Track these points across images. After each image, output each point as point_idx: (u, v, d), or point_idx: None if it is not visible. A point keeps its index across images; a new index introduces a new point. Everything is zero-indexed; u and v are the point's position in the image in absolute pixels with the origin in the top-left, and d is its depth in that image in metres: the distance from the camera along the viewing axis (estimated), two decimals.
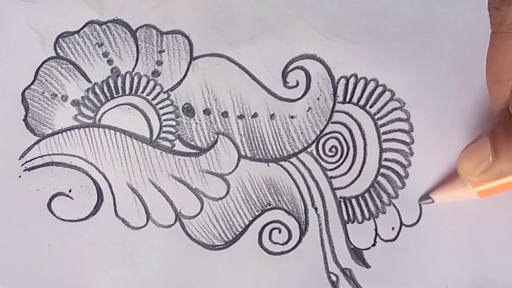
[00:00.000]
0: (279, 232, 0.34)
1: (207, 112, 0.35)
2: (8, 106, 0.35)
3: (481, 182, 0.32)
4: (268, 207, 0.34)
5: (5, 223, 0.34)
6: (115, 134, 0.35)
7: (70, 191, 0.34)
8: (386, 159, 0.35)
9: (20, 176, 0.34)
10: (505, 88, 0.30)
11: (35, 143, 0.34)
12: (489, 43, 0.30)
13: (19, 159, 0.34)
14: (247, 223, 0.34)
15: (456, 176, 0.33)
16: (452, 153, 0.35)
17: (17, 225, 0.34)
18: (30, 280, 0.33)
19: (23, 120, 0.35)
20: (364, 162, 0.35)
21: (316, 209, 0.34)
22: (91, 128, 0.35)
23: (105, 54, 0.35)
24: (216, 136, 0.35)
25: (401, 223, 0.34)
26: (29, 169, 0.34)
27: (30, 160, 0.34)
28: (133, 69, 0.35)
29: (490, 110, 0.33)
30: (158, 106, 0.35)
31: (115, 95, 0.35)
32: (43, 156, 0.34)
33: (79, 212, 0.34)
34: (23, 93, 0.35)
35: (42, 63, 0.35)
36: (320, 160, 0.35)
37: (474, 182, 0.32)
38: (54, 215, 0.34)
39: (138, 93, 0.35)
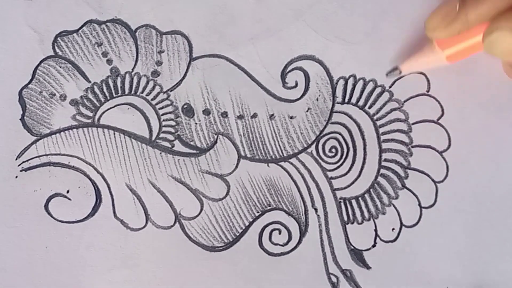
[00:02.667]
0: (279, 233, 0.34)
1: (206, 112, 0.35)
2: (5, 105, 0.34)
3: (449, 35, 0.31)
4: (268, 207, 0.34)
5: (1, 224, 0.33)
6: (114, 134, 0.34)
7: (68, 192, 0.34)
8: (385, 160, 0.35)
9: (16, 177, 0.34)
10: None
11: (32, 143, 0.34)
12: None
13: (16, 159, 0.34)
14: (247, 224, 0.34)
15: (424, 45, 0.33)
16: (451, 153, 0.35)
17: (14, 227, 0.33)
18: (27, 283, 0.33)
19: (20, 119, 0.34)
20: (364, 162, 0.35)
21: (316, 209, 0.34)
22: (90, 128, 0.34)
23: (105, 54, 0.35)
24: (215, 136, 0.35)
25: (401, 224, 0.34)
26: (26, 170, 0.34)
27: (27, 160, 0.34)
28: (132, 69, 0.35)
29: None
30: (157, 106, 0.35)
31: (114, 95, 0.34)
32: (41, 156, 0.34)
33: (77, 213, 0.34)
34: (20, 92, 0.34)
35: (40, 62, 0.34)
36: (320, 160, 0.35)
37: (442, 37, 0.32)
38: (52, 216, 0.33)
39: (138, 93, 0.35)
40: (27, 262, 0.33)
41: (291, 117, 0.35)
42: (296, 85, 0.35)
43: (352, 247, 0.34)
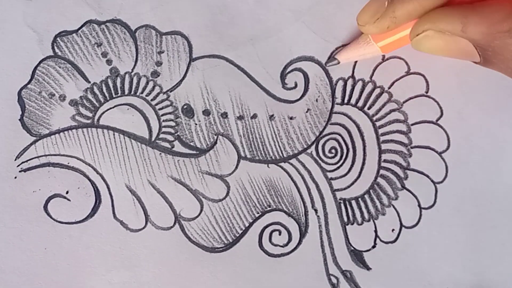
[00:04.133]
0: (279, 234, 0.34)
1: (206, 113, 0.35)
2: (4, 106, 0.34)
3: (379, 31, 0.32)
4: (268, 208, 0.34)
5: (0, 225, 0.33)
6: (113, 134, 0.34)
7: (67, 192, 0.33)
8: (385, 161, 0.35)
9: (15, 177, 0.33)
10: None
11: (31, 144, 0.34)
12: None
13: (15, 159, 0.33)
14: (247, 225, 0.34)
15: (359, 34, 0.34)
16: (450, 154, 0.35)
17: (13, 228, 0.33)
18: (26, 283, 0.32)
19: (19, 119, 0.34)
20: (363, 163, 0.35)
21: (316, 210, 0.34)
22: (89, 129, 0.34)
23: (104, 54, 0.35)
24: (215, 137, 0.35)
25: (401, 225, 0.34)
26: (25, 170, 0.33)
27: (26, 161, 0.33)
28: (132, 70, 0.35)
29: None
30: (157, 107, 0.34)
31: (114, 95, 0.34)
32: (40, 156, 0.34)
33: (76, 214, 0.33)
34: (19, 93, 0.34)
35: (40, 62, 0.34)
36: (320, 161, 0.35)
37: (373, 33, 0.32)
38: (51, 217, 0.33)
39: (137, 94, 0.35)
40: (26, 263, 0.33)
41: (291, 118, 0.35)
42: (296, 86, 0.35)
43: (352, 248, 0.34)
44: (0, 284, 0.32)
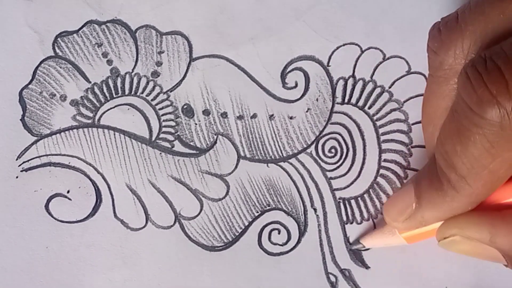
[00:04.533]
0: (279, 233, 0.34)
1: (206, 112, 0.35)
2: (5, 106, 0.34)
3: (406, 229, 0.31)
4: (268, 207, 0.34)
5: (2, 224, 0.33)
6: (114, 134, 0.34)
7: (68, 192, 0.34)
8: (385, 160, 0.35)
9: (17, 177, 0.34)
10: (436, 132, 0.29)
11: (32, 143, 0.34)
12: (426, 85, 0.30)
13: (16, 159, 0.34)
14: (246, 224, 0.34)
15: (385, 225, 0.33)
16: None
17: (14, 227, 0.33)
18: (28, 282, 0.33)
19: (20, 120, 0.34)
20: (363, 163, 0.35)
21: (315, 210, 0.34)
22: (90, 129, 0.34)
23: (105, 54, 0.35)
24: (215, 136, 0.35)
25: None
26: (26, 170, 0.34)
27: (28, 161, 0.34)
28: (132, 70, 0.35)
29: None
30: (157, 107, 0.35)
31: (114, 96, 0.35)
32: (41, 156, 0.34)
33: (77, 213, 0.34)
34: (20, 93, 0.34)
35: (41, 63, 0.34)
36: (319, 161, 0.35)
37: (399, 229, 0.32)
38: (52, 216, 0.34)
39: (138, 94, 0.35)
40: (28, 262, 0.33)
41: (291, 118, 0.35)
42: (296, 85, 0.35)
43: (351, 247, 0.34)
44: (2, 283, 0.33)
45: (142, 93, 0.35)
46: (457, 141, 0.26)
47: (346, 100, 0.35)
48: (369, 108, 0.35)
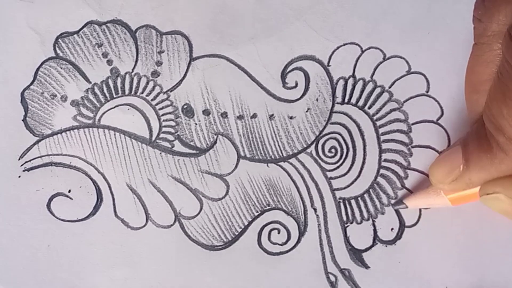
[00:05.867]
0: (278, 233, 0.34)
1: (206, 112, 0.35)
2: (8, 106, 0.35)
3: (452, 190, 0.32)
4: (268, 207, 0.34)
5: (5, 223, 0.34)
6: (114, 134, 0.35)
7: (69, 191, 0.34)
8: (385, 160, 0.35)
9: (19, 176, 0.34)
10: (481, 99, 0.30)
11: (34, 144, 0.34)
12: (471, 53, 0.31)
13: (19, 159, 0.34)
14: (246, 223, 0.34)
15: (430, 183, 0.33)
16: None
17: (17, 225, 0.34)
18: (30, 280, 0.33)
19: (22, 120, 0.35)
20: (363, 163, 0.35)
21: (315, 209, 0.35)
22: (90, 129, 0.35)
23: (105, 55, 0.35)
24: (215, 136, 0.35)
25: (400, 224, 0.34)
26: (28, 170, 0.34)
27: (30, 161, 0.34)
28: (132, 70, 0.35)
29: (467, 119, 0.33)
30: (157, 107, 0.35)
31: (114, 96, 0.35)
32: (43, 156, 0.34)
33: (78, 212, 0.34)
34: (22, 94, 0.35)
35: (42, 63, 0.35)
36: (319, 160, 0.35)
37: (445, 191, 0.32)
38: (54, 215, 0.34)
39: (138, 94, 0.35)
40: (30, 260, 0.34)
41: (291, 117, 0.35)
42: (296, 85, 0.35)
43: (351, 247, 0.34)
44: (4, 280, 0.33)
45: (142, 93, 0.35)
46: (503, 103, 0.27)
47: (346, 100, 0.35)
48: (369, 108, 0.35)
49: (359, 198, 0.35)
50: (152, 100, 0.35)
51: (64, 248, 0.34)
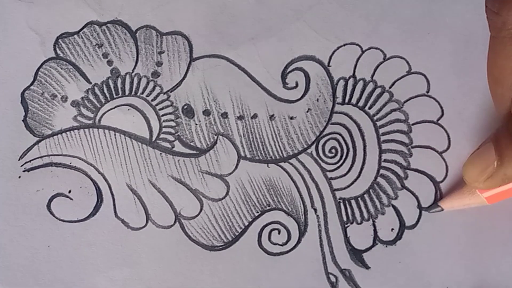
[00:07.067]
0: (279, 233, 0.34)
1: (206, 113, 0.35)
2: (8, 107, 0.35)
3: (488, 188, 0.32)
4: (268, 208, 0.34)
5: (5, 223, 0.34)
6: (114, 135, 0.35)
7: (69, 191, 0.34)
8: (385, 160, 0.35)
9: (19, 177, 0.34)
10: (507, 93, 0.30)
11: (34, 144, 0.34)
12: (489, 47, 0.30)
13: (19, 159, 0.34)
14: (246, 224, 0.34)
15: (464, 183, 0.33)
16: (451, 154, 0.35)
17: (17, 226, 0.34)
18: (30, 280, 0.33)
19: (22, 120, 0.35)
20: (363, 163, 0.35)
21: (315, 210, 0.35)
22: (90, 129, 0.35)
23: (105, 55, 0.35)
24: (215, 137, 0.35)
25: (401, 224, 0.34)
26: (28, 170, 0.34)
27: (30, 161, 0.34)
28: (133, 70, 0.35)
29: (493, 114, 0.33)
30: (158, 107, 0.35)
31: (114, 96, 0.35)
32: (43, 156, 0.34)
33: (78, 212, 0.34)
34: (22, 94, 0.35)
35: (42, 64, 0.35)
36: (320, 161, 0.35)
37: (481, 189, 0.32)
38: (54, 215, 0.34)
39: (138, 94, 0.35)
40: (30, 260, 0.34)
41: (291, 118, 0.35)
42: (297, 85, 0.35)
43: (351, 247, 0.34)
44: (5, 281, 0.33)
45: (142, 93, 0.35)
46: None
47: (346, 100, 0.35)
48: (370, 108, 0.35)
49: (359, 199, 0.35)
50: (152, 100, 0.35)
51: (64, 248, 0.34)
